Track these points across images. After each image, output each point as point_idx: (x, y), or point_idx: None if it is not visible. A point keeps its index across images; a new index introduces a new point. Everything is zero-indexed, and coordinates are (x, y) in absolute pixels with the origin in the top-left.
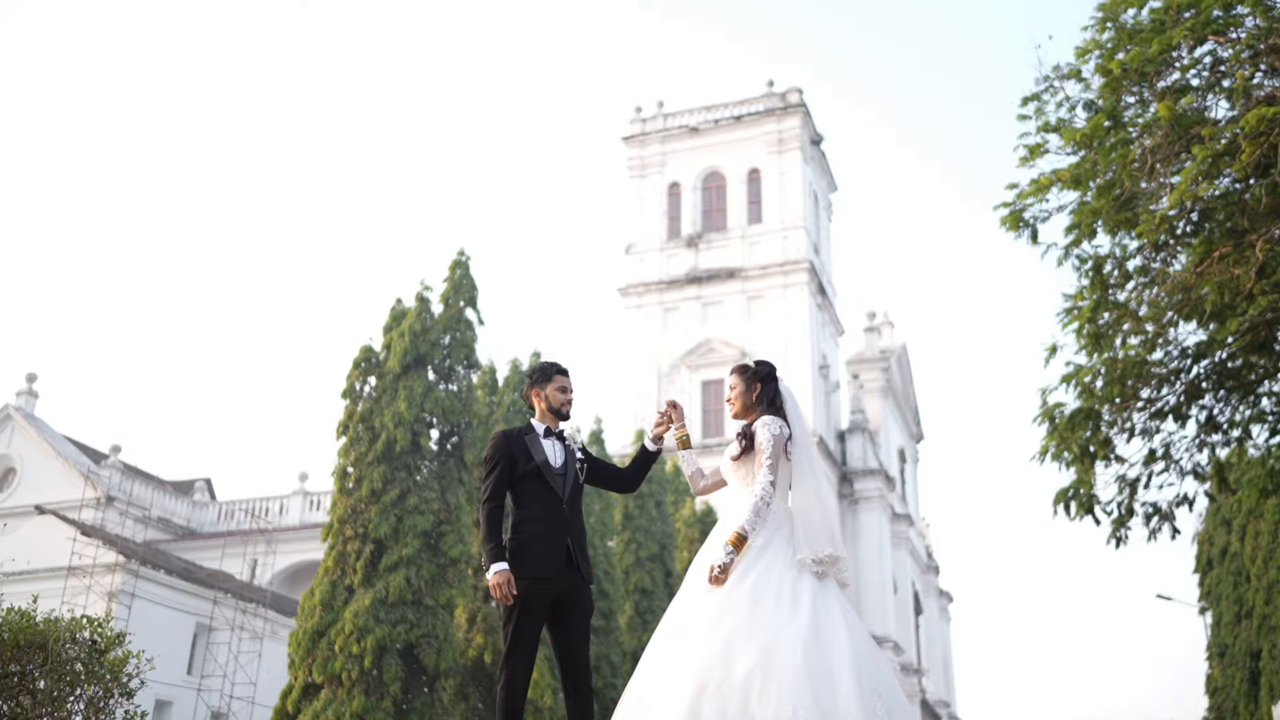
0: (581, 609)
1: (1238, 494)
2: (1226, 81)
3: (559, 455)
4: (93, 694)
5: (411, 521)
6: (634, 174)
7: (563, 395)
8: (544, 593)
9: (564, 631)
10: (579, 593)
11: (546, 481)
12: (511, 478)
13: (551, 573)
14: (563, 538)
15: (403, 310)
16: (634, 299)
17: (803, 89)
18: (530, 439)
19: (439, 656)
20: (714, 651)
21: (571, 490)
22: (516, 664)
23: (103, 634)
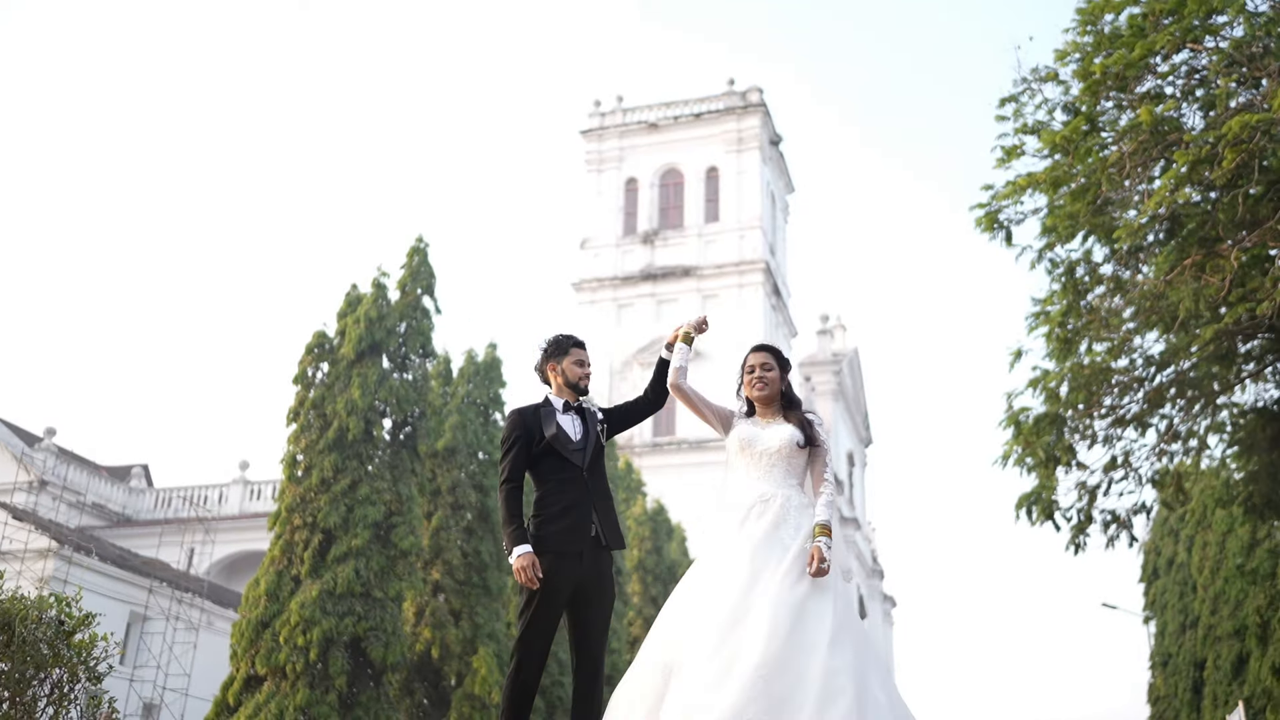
0: (604, 599)
1: (1190, 503)
2: (1200, 91)
3: (577, 429)
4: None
5: (362, 512)
6: (591, 168)
7: (580, 369)
8: (567, 573)
9: (583, 622)
10: (603, 578)
11: (563, 456)
12: (529, 456)
13: (576, 547)
14: (587, 509)
15: (358, 296)
16: (588, 294)
17: (763, 89)
18: (546, 414)
19: (387, 650)
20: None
21: (592, 458)
22: (529, 651)
23: (70, 614)
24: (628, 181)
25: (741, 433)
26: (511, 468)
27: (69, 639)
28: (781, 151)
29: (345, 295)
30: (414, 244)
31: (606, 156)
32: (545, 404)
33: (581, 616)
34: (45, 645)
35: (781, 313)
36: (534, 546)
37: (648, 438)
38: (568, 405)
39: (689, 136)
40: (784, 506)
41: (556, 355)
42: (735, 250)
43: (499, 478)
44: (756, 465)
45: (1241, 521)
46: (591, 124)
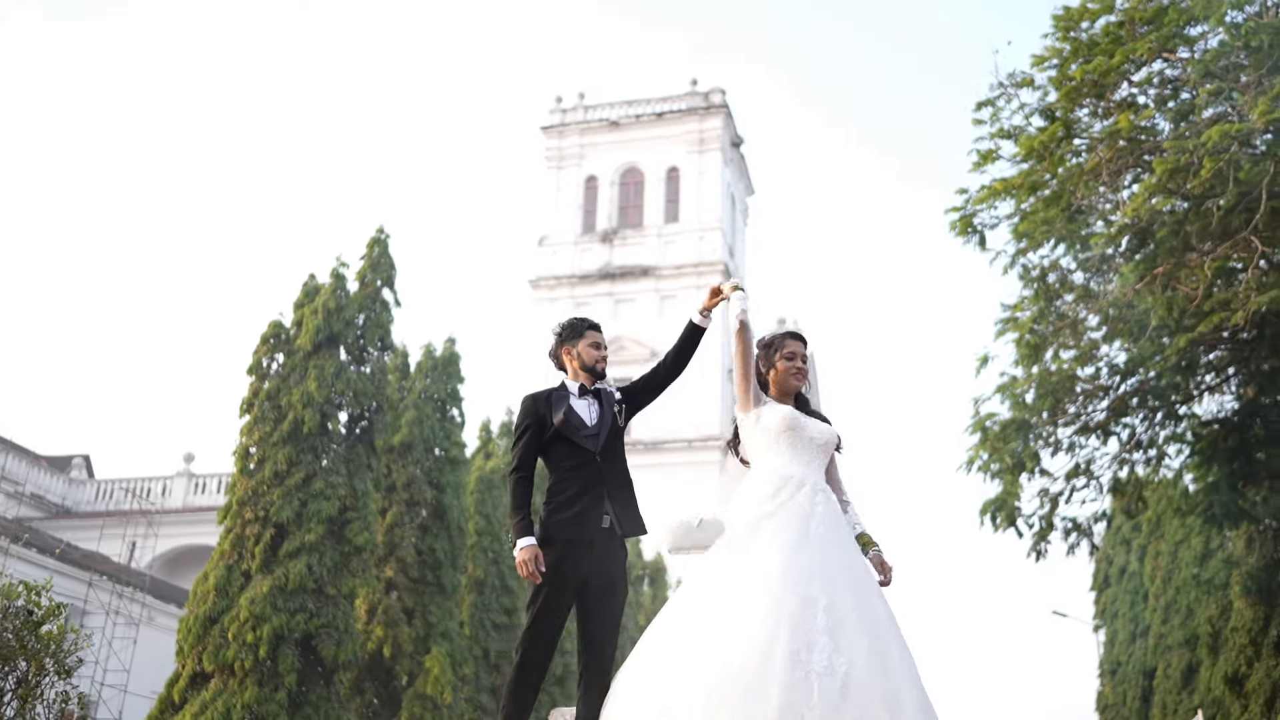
0: (615, 592)
1: (1148, 512)
2: (1171, 103)
3: (593, 414)
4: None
5: (316, 506)
6: (551, 165)
7: (596, 351)
8: (576, 564)
9: (592, 617)
10: (614, 570)
11: (575, 442)
12: (540, 444)
13: (586, 536)
14: (600, 497)
15: (316, 286)
16: (545, 291)
17: (726, 90)
18: (558, 399)
19: (338, 648)
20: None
21: (607, 443)
22: (534, 645)
23: (38, 604)
24: (588, 179)
25: (787, 414)
26: (521, 456)
27: (36, 630)
28: (743, 153)
29: (303, 285)
30: (374, 235)
31: (567, 153)
32: (560, 388)
33: (590, 610)
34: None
35: None
36: (542, 537)
37: None
38: (583, 389)
39: (650, 136)
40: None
41: (571, 338)
42: (694, 251)
43: (509, 465)
44: (804, 451)
45: (1197, 531)
46: (552, 120)
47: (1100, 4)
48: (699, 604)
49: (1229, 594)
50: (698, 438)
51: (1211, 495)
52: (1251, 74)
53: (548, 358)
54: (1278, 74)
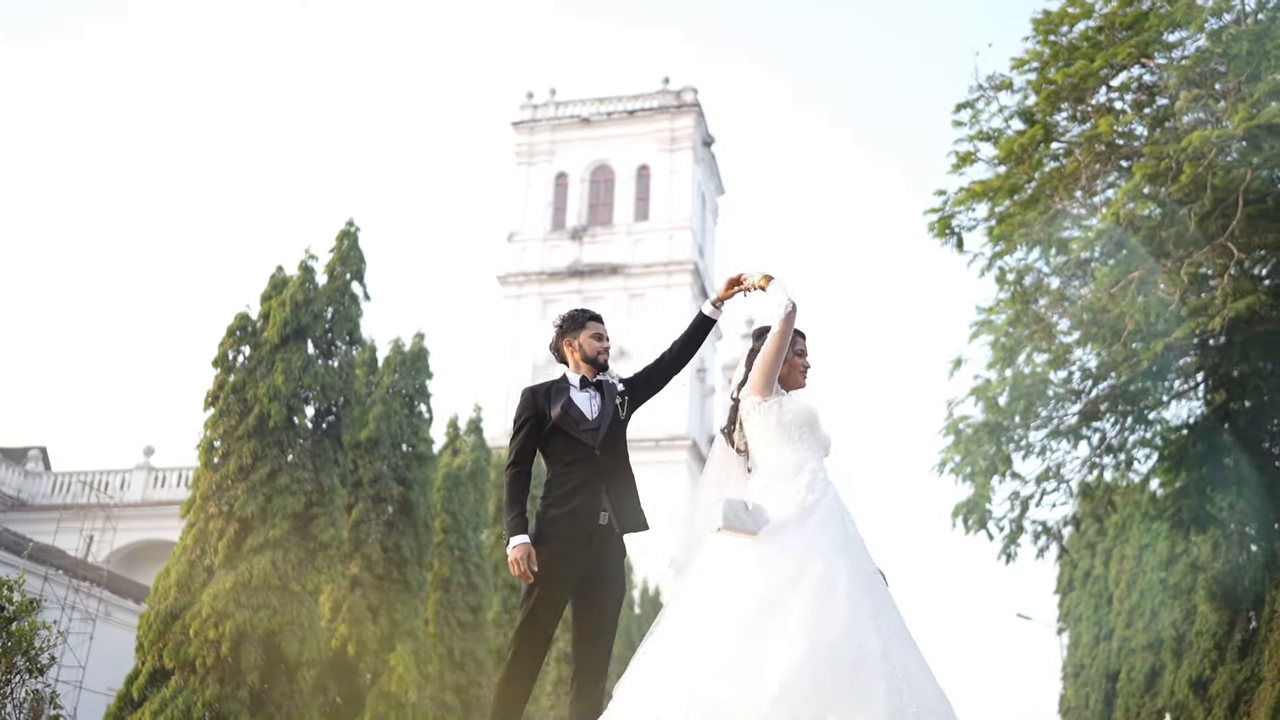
0: (611, 592)
1: (1115, 515)
2: (1148, 109)
3: (594, 407)
4: None
5: (281, 501)
6: (521, 161)
7: (598, 343)
8: (571, 562)
9: (587, 617)
10: (611, 568)
11: (573, 436)
12: (539, 438)
13: (582, 532)
14: (597, 493)
15: (284, 279)
16: (514, 288)
17: (698, 89)
18: (558, 392)
19: (302, 646)
20: None
21: (608, 437)
22: (525, 645)
23: (10, 599)
24: (558, 176)
25: (814, 408)
26: (519, 450)
27: (8, 627)
28: (713, 153)
29: (270, 277)
30: (344, 228)
31: (537, 149)
32: (560, 381)
33: (586, 608)
34: None
35: None
36: (537, 534)
37: None
38: (585, 381)
39: (621, 133)
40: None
41: (572, 330)
42: (664, 250)
43: (507, 459)
44: (819, 448)
45: (1164, 536)
46: (523, 116)
47: (1079, 9)
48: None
49: (1193, 598)
50: (665, 437)
51: (1180, 500)
52: (1231, 81)
53: (549, 350)
54: (1257, 81)
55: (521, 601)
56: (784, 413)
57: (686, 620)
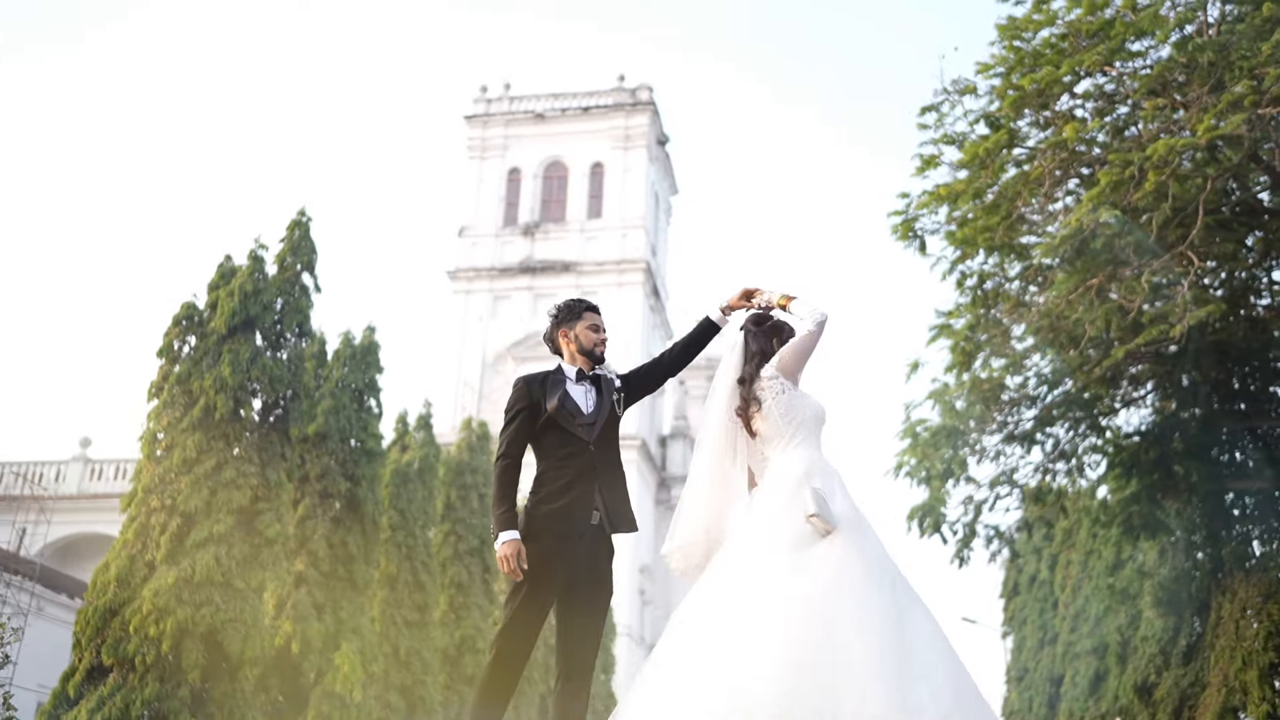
0: (600, 593)
1: (1065, 521)
2: (1109, 116)
3: (590, 401)
4: None
5: (226, 496)
6: (474, 155)
7: (595, 334)
8: (561, 561)
9: (573, 617)
10: (600, 568)
11: (568, 430)
12: (532, 430)
13: (576, 529)
14: (590, 489)
15: (232, 268)
16: (464, 283)
17: (653, 87)
18: (554, 383)
19: (245, 643)
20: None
21: (603, 432)
22: (510, 644)
23: None
24: (510, 171)
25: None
26: (510, 442)
27: None
28: (668, 152)
29: (218, 266)
30: (295, 217)
31: (490, 144)
32: (556, 372)
33: (572, 610)
34: None
35: (659, 314)
36: (526, 530)
37: None
38: (581, 374)
39: (576, 130)
40: None
41: (569, 320)
42: (617, 248)
43: (497, 451)
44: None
45: (1108, 541)
46: (476, 110)
47: (1045, 15)
48: (844, 594)
49: (1139, 604)
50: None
51: (1131, 507)
52: (1194, 90)
53: (543, 341)
54: (1220, 91)
55: (506, 601)
56: (804, 405)
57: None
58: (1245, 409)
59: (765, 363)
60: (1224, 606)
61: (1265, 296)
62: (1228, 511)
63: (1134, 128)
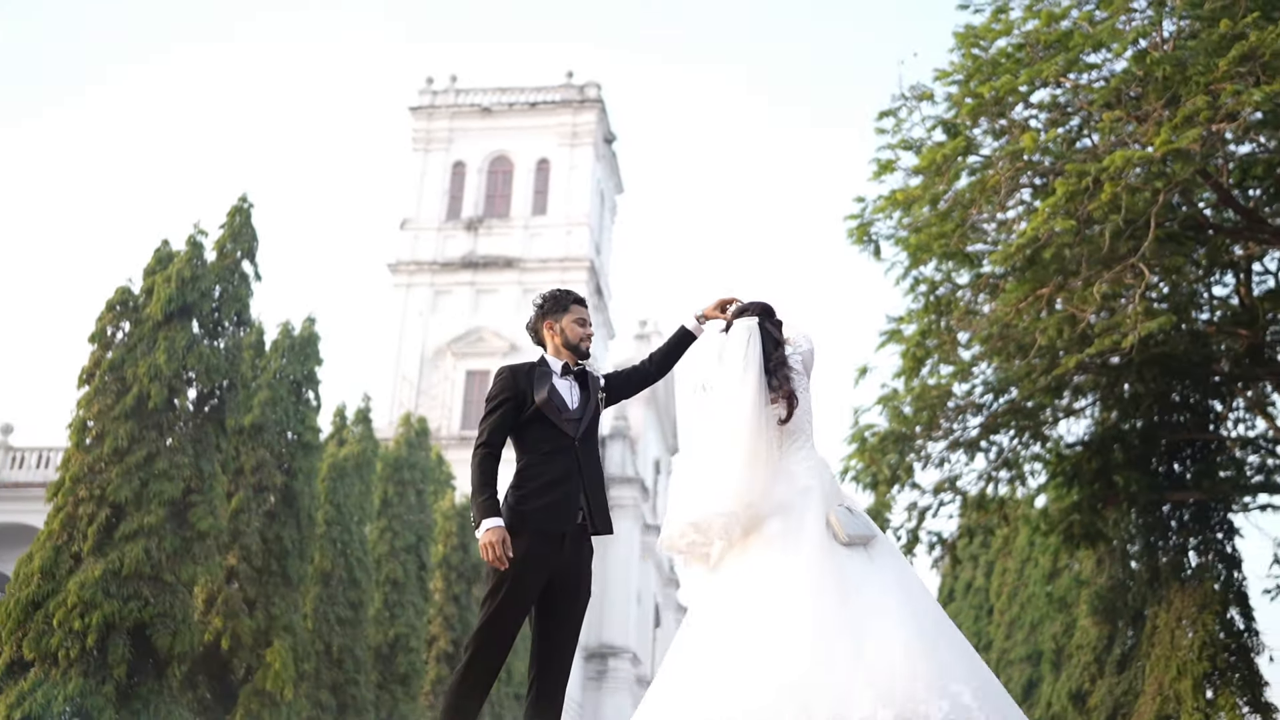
0: (581, 594)
1: (1005, 529)
2: (1061, 128)
3: (575, 396)
4: None
5: (158, 487)
6: (418, 147)
7: (581, 329)
8: (545, 558)
9: (554, 618)
10: (583, 569)
11: (554, 424)
12: (516, 420)
13: (560, 529)
14: (577, 487)
15: (170, 253)
16: (404, 277)
17: (601, 85)
18: (541, 375)
19: (174, 639)
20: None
21: (586, 429)
22: (488, 644)
23: None
24: (455, 164)
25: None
26: (492, 431)
27: None
28: (614, 151)
29: (155, 251)
30: (236, 203)
31: (435, 136)
32: (541, 364)
33: (552, 611)
34: None
35: (602, 313)
36: (511, 524)
37: (456, 430)
38: (566, 368)
39: (522, 125)
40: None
41: (554, 312)
42: (561, 246)
43: (476, 440)
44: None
45: (1051, 549)
46: (422, 101)
47: (1003, 25)
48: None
49: (1074, 612)
50: None
51: (1071, 515)
52: (1151, 103)
53: (525, 331)
54: (1175, 105)
55: (484, 600)
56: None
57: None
58: (1184, 421)
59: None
60: (1160, 616)
61: (1205, 311)
62: (1165, 522)
63: (1087, 139)
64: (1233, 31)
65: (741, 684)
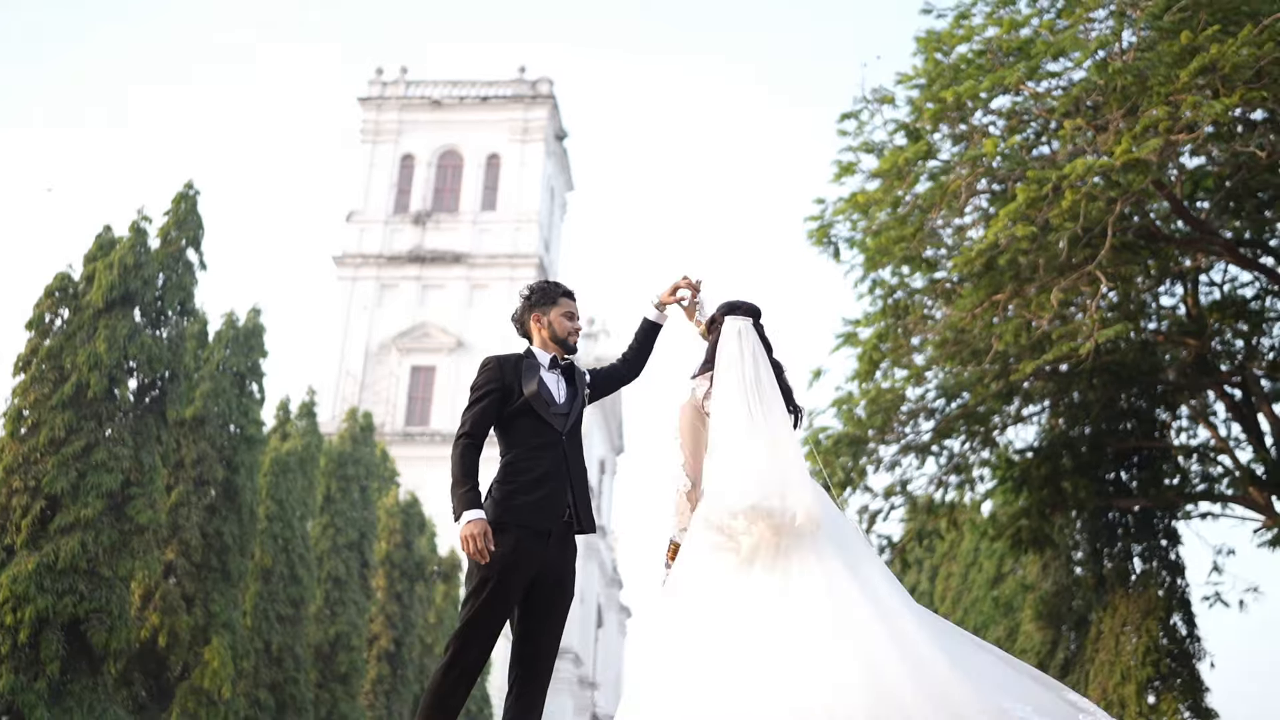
0: (565, 594)
1: (952, 533)
2: (1019, 135)
3: (562, 390)
4: None
5: (96, 479)
6: (367, 139)
7: (570, 323)
8: (531, 556)
9: (537, 619)
10: (567, 568)
11: (542, 418)
12: (500, 413)
13: (546, 526)
14: (563, 483)
15: (112, 239)
16: (350, 269)
17: (554, 81)
18: (529, 367)
19: (110, 635)
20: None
21: (573, 425)
22: (469, 644)
23: None
24: (404, 157)
25: None
26: (474, 422)
27: None
28: (565, 148)
29: (96, 237)
30: (182, 190)
31: (384, 128)
32: (528, 356)
33: (536, 611)
34: None
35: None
36: (495, 520)
37: (399, 426)
38: (554, 362)
39: (473, 119)
40: None
41: (542, 304)
42: (510, 242)
43: (458, 430)
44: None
45: (997, 554)
46: (372, 92)
47: (965, 30)
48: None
49: (1018, 616)
50: None
51: (1020, 521)
52: (1112, 112)
53: (510, 321)
54: (1134, 115)
55: (466, 598)
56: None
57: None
58: (1132, 429)
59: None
60: (1104, 621)
61: (1153, 320)
62: (1111, 529)
63: (1044, 147)
64: (1192, 44)
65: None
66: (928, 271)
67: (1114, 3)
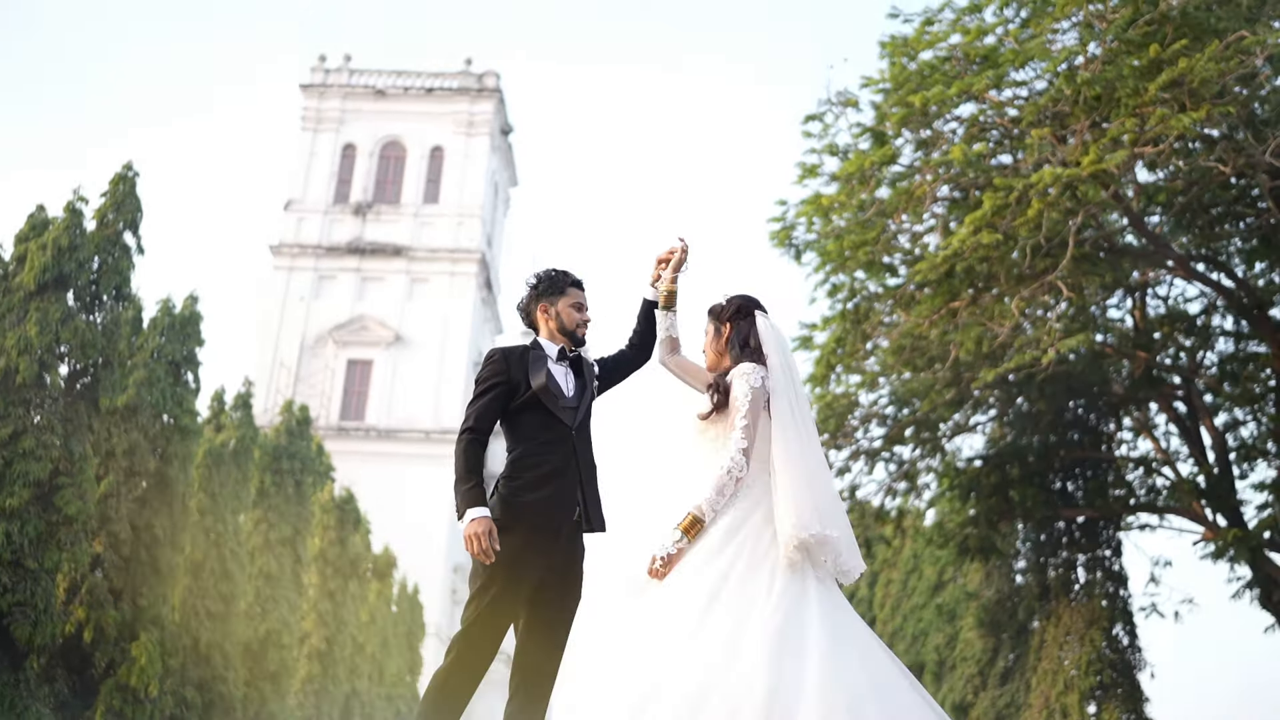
0: (573, 596)
1: (896, 540)
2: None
3: (570, 383)
4: None
5: (23, 467)
6: (307, 126)
7: (579, 314)
8: (538, 558)
9: (537, 624)
10: (576, 569)
11: (551, 412)
12: (507, 406)
13: (555, 524)
14: (574, 481)
15: (45, 220)
16: (287, 259)
17: (500, 75)
18: (536, 359)
19: (34, 630)
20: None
21: (582, 419)
22: (474, 646)
23: None
24: (345, 147)
25: None
26: (479, 416)
27: None
28: (511, 143)
29: (29, 217)
30: (120, 171)
31: (325, 117)
32: (535, 348)
33: (538, 616)
34: None
35: (491, 307)
36: (501, 518)
37: (334, 420)
38: (562, 354)
39: (417, 110)
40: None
41: (549, 294)
42: (452, 236)
43: (462, 424)
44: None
45: (938, 561)
46: (314, 79)
47: (932, 38)
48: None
49: (958, 624)
50: (436, 429)
51: (967, 529)
52: (1077, 122)
53: (515, 311)
54: (1099, 126)
55: (471, 598)
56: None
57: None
58: (1079, 439)
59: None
60: (1048, 630)
61: (1101, 332)
62: (1056, 538)
63: (1005, 155)
64: (1160, 57)
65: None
66: (883, 278)
67: (1081, 14)
